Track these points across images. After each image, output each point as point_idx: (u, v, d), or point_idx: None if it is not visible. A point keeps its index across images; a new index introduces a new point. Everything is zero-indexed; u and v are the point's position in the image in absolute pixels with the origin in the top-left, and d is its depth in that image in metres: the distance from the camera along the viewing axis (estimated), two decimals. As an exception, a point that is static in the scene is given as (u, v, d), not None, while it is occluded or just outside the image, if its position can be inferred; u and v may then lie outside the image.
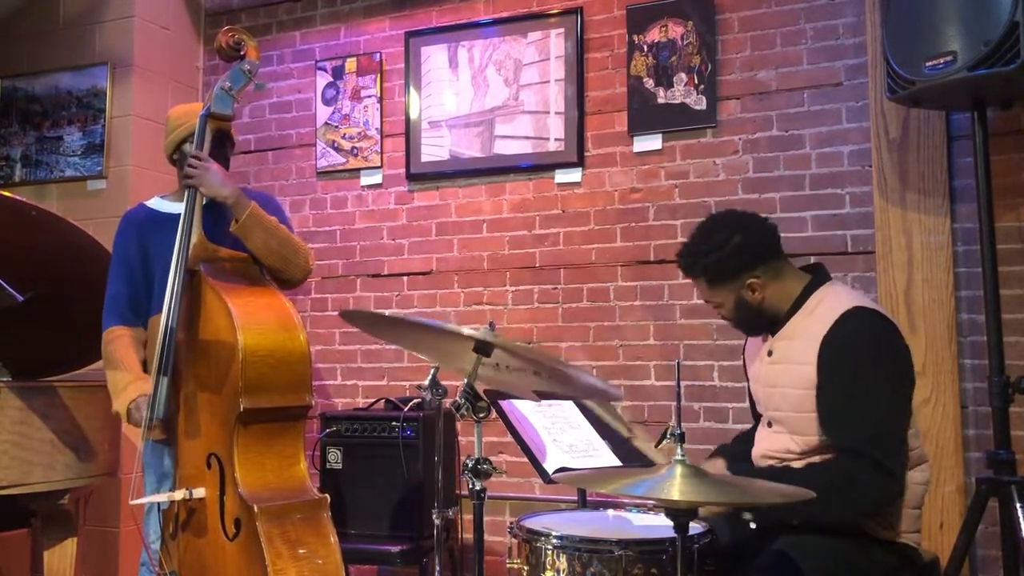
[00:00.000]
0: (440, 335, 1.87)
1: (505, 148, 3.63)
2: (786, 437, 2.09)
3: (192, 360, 2.37)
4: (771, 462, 2.11)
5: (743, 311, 2.15)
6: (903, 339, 2.04)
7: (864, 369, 1.96)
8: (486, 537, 1.92)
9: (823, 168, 3.19)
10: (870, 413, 1.93)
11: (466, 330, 1.73)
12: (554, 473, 2.25)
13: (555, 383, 1.97)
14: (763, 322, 2.18)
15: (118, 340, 2.50)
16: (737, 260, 2.10)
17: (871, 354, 1.97)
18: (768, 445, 2.15)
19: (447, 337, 1.85)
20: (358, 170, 3.90)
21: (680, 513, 1.61)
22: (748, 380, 2.33)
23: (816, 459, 2.01)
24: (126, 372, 2.43)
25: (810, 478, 1.86)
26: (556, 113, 3.55)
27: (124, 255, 2.58)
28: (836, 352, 1.98)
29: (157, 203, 2.66)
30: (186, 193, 2.44)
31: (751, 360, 2.29)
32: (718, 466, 2.18)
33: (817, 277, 2.14)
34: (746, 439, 2.34)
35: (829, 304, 2.05)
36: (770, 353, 2.17)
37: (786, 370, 2.09)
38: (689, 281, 3.29)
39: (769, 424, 2.17)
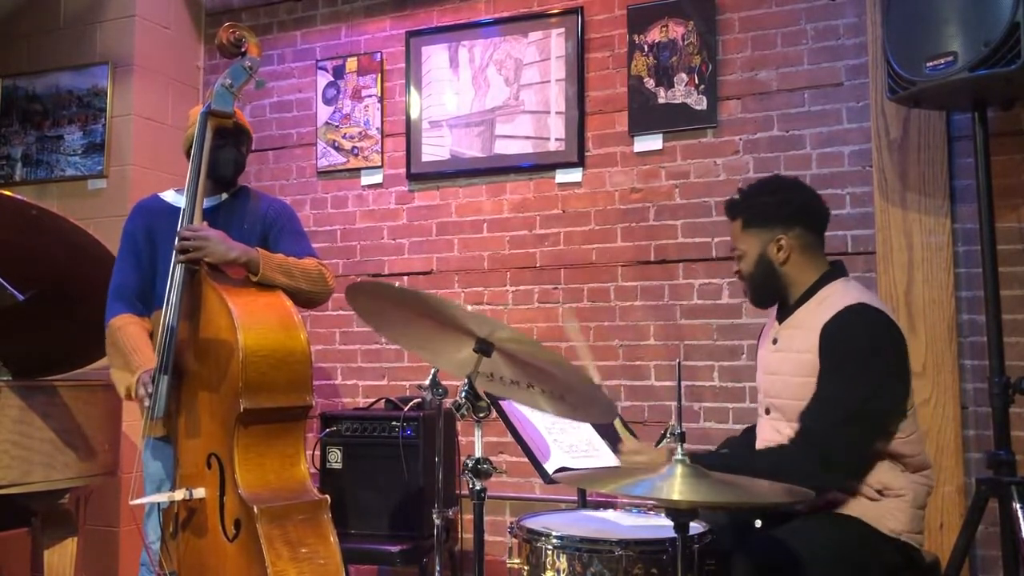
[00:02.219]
0: (442, 327, 1.85)
1: (506, 148, 3.62)
2: (784, 425, 2.11)
3: (193, 359, 2.37)
4: None
5: (761, 268, 2.17)
6: (901, 343, 2.04)
7: (848, 360, 1.98)
8: (486, 537, 1.92)
9: (823, 168, 3.19)
10: (836, 401, 1.96)
11: (469, 310, 1.73)
12: (554, 473, 2.25)
13: (550, 397, 1.93)
14: (774, 291, 2.20)
15: (125, 328, 2.49)
16: (779, 211, 2.14)
17: (859, 347, 1.99)
18: (769, 435, 2.17)
19: (449, 332, 1.84)
20: (359, 170, 3.90)
21: (680, 513, 1.61)
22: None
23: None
24: (139, 356, 2.41)
25: (749, 461, 1.99)
26: (557, 113, 3.55)
27: (132, 242, 2.59)
28: (830, 340, 2.01)
29: (171, 196, 2.66)
30: (186, 190, 2.44)
31: (760, 347, 2.33)
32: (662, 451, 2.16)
33: (833, 271, 2.16)
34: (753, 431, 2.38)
35: (835, 299, 2.07)
36: (775, 341, 2.19)
37: (788, 358, 2.12)
38: (690, 281, 3.33)
39: (767, 411, 2.19)
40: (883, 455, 2.03)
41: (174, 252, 2.37)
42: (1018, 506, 2.30)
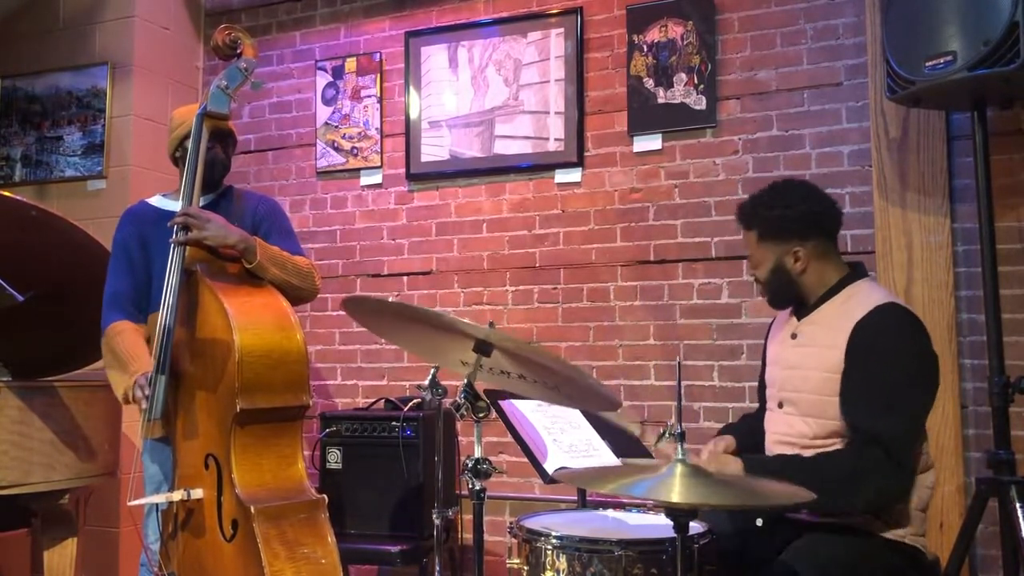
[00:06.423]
0: (440, 331, 1.86)
1: (505, 148, 3.62)
2: (798, 420, 2.10)
3: (189, 360, 2.37)
4: (785, 447, 2.13)
5: (779, 277, 2.16)
6: (932, 344, 2.05)
7: (893, 360, 1.97)
8: (486, 537, 1.92)
9: (823, 168, 3.18)
10: (890, 405, 1.94)
11: (466, 322, 1.73)
12: (554, 473, 2.25)
13: (548, 390, 1.94)
14: (791, 296, 2.20)
15: (123, 334, 2.49)
16: (797, 224, 2.13)
17: (902, 348, 1.99)
18: (782, 429, 2.16)
19: (447, 334, 1.85)
20: (358, 170, 3.90)
21: (680, 513, 1.61)
22: (764, 363, 2.37)
23: (831, 446, 2.03)
24: (137, 363, 2.40)
25: (820, 466, 1.94)
26: (556, 113, 3.55)
27: (124, 250, 2.59)
28: (868, 338, 1.99)
29: (159, 201, 2.66)
30: (183, 192, 2.43)
31: (771, 342, 2.32)
32: (726, 444, 2.21)
33: (856, 272, 2.16)
34: (752, 420, 2.39)
35: (864, 297, 2.07)
36: (794, 336, 2.19)
37: (811, 353, 2.11)
38: (689, 281, 3.33)
39: (780, 405, 2.18)
40: None
41: (173, 232, 2.35)
42: (1018, 506, 2.30)
